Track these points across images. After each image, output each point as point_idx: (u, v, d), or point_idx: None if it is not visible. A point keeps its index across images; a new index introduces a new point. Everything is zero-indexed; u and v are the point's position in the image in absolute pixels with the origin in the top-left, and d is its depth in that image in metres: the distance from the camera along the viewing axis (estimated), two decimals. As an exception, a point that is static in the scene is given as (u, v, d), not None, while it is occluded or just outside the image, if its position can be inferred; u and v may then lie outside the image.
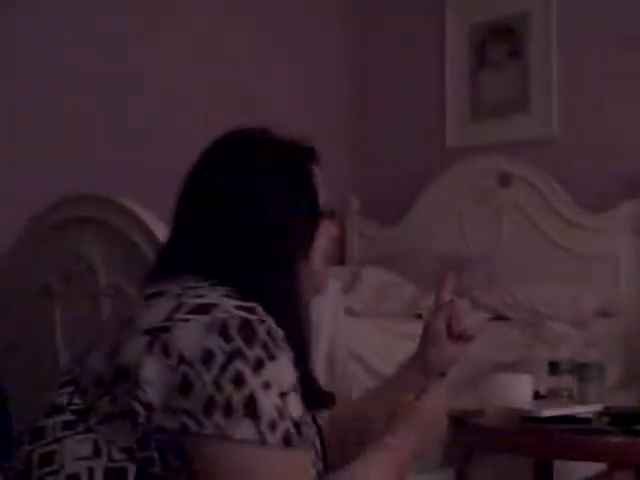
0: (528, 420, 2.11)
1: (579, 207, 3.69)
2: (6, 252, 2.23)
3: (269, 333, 1.01)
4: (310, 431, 1.14)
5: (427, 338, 1.39)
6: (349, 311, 2.56)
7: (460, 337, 1.38)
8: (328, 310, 1.94)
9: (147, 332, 1.03)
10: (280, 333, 1.03)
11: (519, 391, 2.21)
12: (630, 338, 3.40)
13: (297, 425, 1.00)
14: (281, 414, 0.98)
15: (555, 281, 3.38)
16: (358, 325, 2.43)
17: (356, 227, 4.24)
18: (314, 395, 1.20)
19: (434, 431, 1.24)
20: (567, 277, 3.46)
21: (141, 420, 1.00)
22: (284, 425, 0.98)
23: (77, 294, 2.01)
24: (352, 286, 3.13)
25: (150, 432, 1.01)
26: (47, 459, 1.05)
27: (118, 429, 1.02)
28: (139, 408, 1.00)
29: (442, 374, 1.40)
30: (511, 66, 4.01)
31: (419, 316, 2.88)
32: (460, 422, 2.27)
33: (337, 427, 1.36)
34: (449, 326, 1.37)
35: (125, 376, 1.02)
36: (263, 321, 1.02)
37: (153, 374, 0.99)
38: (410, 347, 2.29)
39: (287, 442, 0.98)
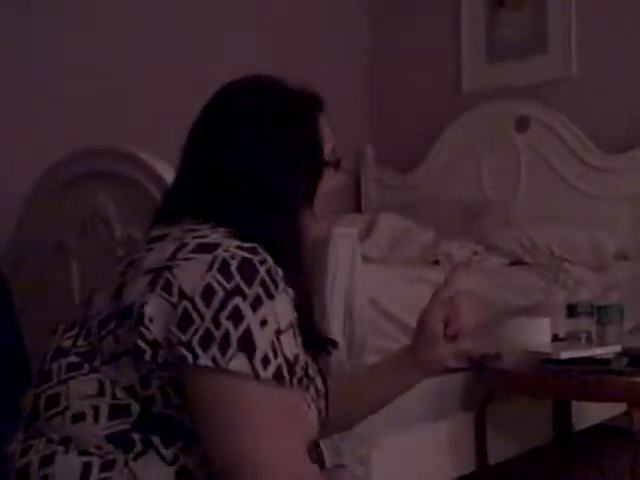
0: (547, 362, 2.11)
1: (597, 149, 3.64)
2: (21, 208, 2.23)
3: (269, 273, 1.03)
4: (310, 370, 1.15)
5: (422, 335, 1.34)
6: (365, 258, 2.55)
7: (455, 336, 1.34)
8: (345, 257, 1.93)
9: (150, 271, 1.04)
10: (280, 273, 1.05)
11: (537, 334, 2.21)
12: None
13: (290, 364, 1.02)
14: (275, 351, 1.00)
15: (573, 224, 3.34)
16: (375, 271, 2.42)
17: (372, 174, 4.22)
18: (315, 338, 1.20)
19: None
20: (585, 220, 3.42)
21: (147, 358, 1.02)
22: (277, 362, 1.00)
23: (92, 248, 2.02)
24: (368, 233, 3.11)
25: (153, 370, 1.03)
26: (53, 401, 1.07)
27: (122, 368, 1.04)
28: (144, 346, 1.01)
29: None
30: (529, 6, 3.92)
31: (436, 262, 2.88)
32: (479, 366, 2.28)
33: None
34: (446, 325, 1.33)
35: (129, 315, 1.03)
36: (264, 261, 1.03)
37: (156, 311, 1.01)
38: (426, 292, 2.30)
39: (279, 379, 1.00)
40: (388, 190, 4.12)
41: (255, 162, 1.15)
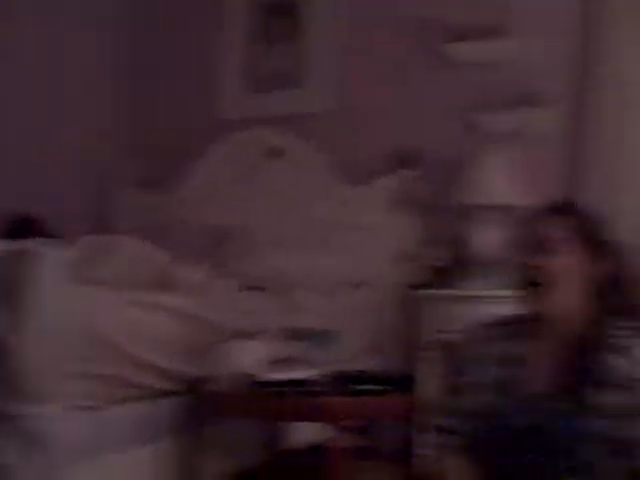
0: (258, 385, 2.17)
1: (343, 180, 3.82)
2: None
3: None
4: None
5: None
6: (94, 280, 2.52)
7: None
8: (49, 278, 1.90)
9: None
10: None
11: (252, 357, 2.28)
12: (379, 308, 3.56)
13: None
14: None
15: (314, 251, 3.48)
16: (103, 296, 2.39)
17: (124, 195, 4.18)
18: None
19: None
20: (326, 248, 3.57)
21: None
22: None
23: None
24: (103, 255, 3.06)
25: None
26: None
27: None
28: None
29: None
30: (287, 40, 4.08)
31: (168, 286, 2.88)
32: (194, 389, 2.31)
33: None
34: None
35: None
36: None
37: None
38: (160, 320, 2.30)
39: None
40: (139, 211, 4.08)
41: None
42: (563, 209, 1.74)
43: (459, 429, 1.72)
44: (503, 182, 3.39)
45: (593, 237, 1.69)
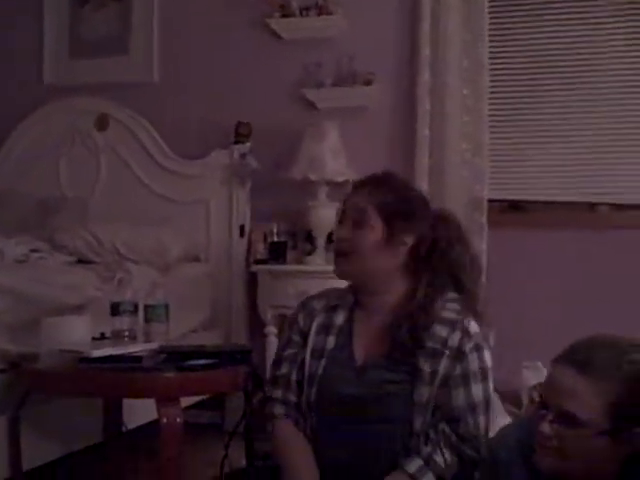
0: (82, 361, 2.08)
1: (174, 154, 3.75)
2: None
3: None
4: None
5: None
6: None
7: None
8: None
9: None
10: None
11: (77, 333, 2.18)
12: (216, 282, 3.55)
13: None
14: None
15: (144, 225, 3.40)
16: None
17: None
18: None
19: None
20: (158, 221, 3.50)
21: None
22: None
23: None
24: None
25: None
26: None
27: None
28: None
29: None
30: (113, 5, 3.93)
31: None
32: (15, 367, 2.19)
33: None
34: None
35: None
36: None
37: None
38: None
39: None
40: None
41: None
42: (371, 182, 1.74)
43: (287, 399, 1.74)
44: (333, 158, 3.44)
45: (400, 209, 1.70)
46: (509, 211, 3.57)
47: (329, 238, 3.35)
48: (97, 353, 2.05)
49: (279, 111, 3.71)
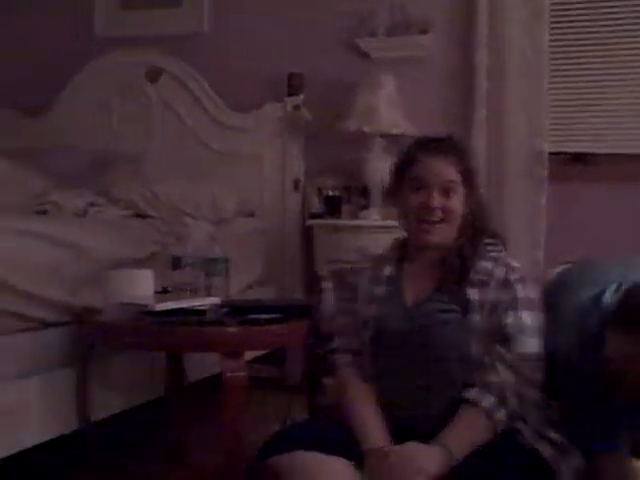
0: (145, 314, 2.08)
1: (227, 106, 3.71)
2: None
3: None
4: None
5: None
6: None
7: None
8: None
9: None
10: None
11: (140, 286, 2.17)
12: (272, 238, 3.53)
13: None
14: None
15: (199, 180, 3.38)
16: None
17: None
18: None
19: None
20: (211, 176, 3.48)
21: None
22: None
23: None
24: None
25: None
26: None
27: None
28: None
29: None
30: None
31: (43, 212, 2.72)
32: (80, 320, 2.20)
33: None
34: None
35: None
36: None
37: None
38: (37, 248, 2.15)
39: None
40: (6, 133, 3.81)
41: None
42: (450, 149, 1.79)
43: (348, 347, 1.79)
44: (388, 109, 3.37)
45: (474, 174, 1.82)
46: (572, 164, 3.47)
47: (384, 193, 3.30)
48: (160, 307, 2.04)
49: (332, 61, 3.64)
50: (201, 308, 2.14)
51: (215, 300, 2.20)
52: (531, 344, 1.67)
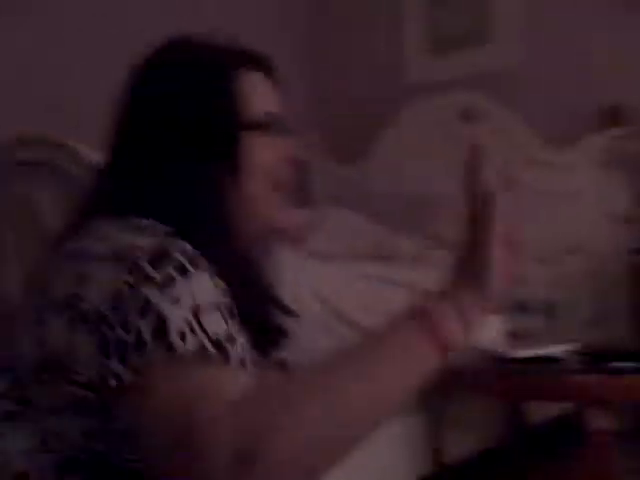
0: (502, 361, 2.05)
1: (543, 141, 3.62)
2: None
3: (184, 253, 0.91)
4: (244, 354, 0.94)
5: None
6: (314, 253, 2.47)
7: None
8: (289, 252, 1.84)
9: (65, 306, 0.92)
10: (197, 253, 0.92)
11: (493, 331, 2.15)
12: (598, 276, 3.35)
13: (217, 342, 0.88)
14: (192, 328, 0.87)
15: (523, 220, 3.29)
16: (323, 267, 2.33)
17: (314, 165, 4.12)
18: (260, 329, 1.07)
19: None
20: (532, 215, 3.38)
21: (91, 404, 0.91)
22: (197, 338, 0.87)
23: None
24: (317, 228, 3.01)
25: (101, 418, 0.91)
26: None
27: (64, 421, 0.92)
28: (82, 392, 0.90)
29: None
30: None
31: (386, 258, 2.80)
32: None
33: None
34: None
35: (58, 365, 0.91)
36: (176, 244, 0.92)
37: (84, 351, 0.90)
38: (374, 288, 2.22)
39: (201, 354, 0.86)
40: (330, 182, 4.01)
41: (163, 143, 1.03)
42: None
43: None
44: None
45: None
46: None
47: None
48: (523, 354, 1.99)
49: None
50: (556, 355, 2.06)
51: (570, 346, 2.11)
52: None
